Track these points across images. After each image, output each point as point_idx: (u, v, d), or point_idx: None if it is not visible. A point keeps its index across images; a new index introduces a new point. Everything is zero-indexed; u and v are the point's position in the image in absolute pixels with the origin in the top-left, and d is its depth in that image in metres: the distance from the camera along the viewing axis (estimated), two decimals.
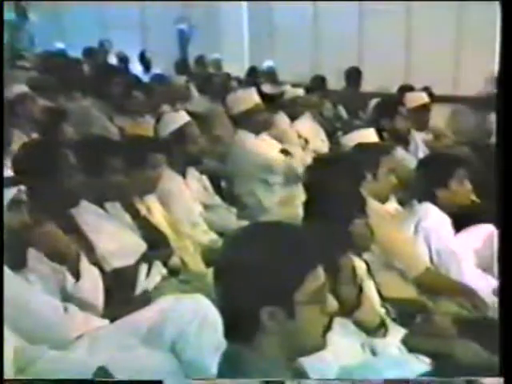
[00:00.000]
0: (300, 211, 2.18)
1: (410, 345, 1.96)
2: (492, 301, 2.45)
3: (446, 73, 6.56)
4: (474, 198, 3.00)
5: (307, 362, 1.27)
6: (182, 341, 1.79)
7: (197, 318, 1.82)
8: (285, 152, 3.89)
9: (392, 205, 2.93)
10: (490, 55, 5.90)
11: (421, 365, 1.86)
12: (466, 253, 2.66)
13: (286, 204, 3.50)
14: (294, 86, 5.32)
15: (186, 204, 3.06)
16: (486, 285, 2.58)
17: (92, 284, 2.00)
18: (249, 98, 3.84)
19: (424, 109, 4.31)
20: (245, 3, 8.65)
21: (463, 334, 2.08)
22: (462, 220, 2.79)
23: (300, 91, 5.04)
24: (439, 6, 6.42)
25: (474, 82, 6.22)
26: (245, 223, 2.95)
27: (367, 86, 6.45)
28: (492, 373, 1.71)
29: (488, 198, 3.39)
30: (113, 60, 8.52)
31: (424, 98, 4.38)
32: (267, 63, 7.32)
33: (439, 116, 5.15)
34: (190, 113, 3.47)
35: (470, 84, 6.26)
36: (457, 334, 2.10)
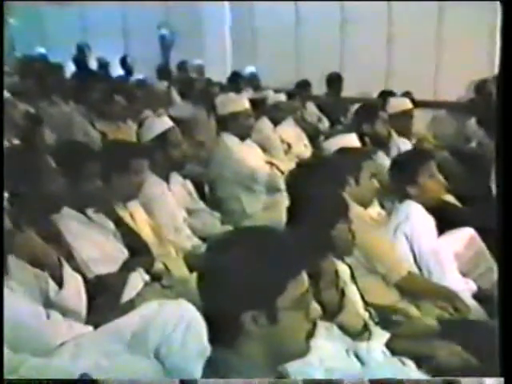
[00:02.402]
0: (283, 216, 2.18)
1: (393, 348, 1.97)
2: (472, 304, 2.48)
3: (426, 78, 6.61)
4: (446, 192, 3.00)
5: (292, 367, 1.27)
6: (165, 346, 1.79)
7: (181, 323, 1.81)
8: (269, 163, 3.91)
9: (374, 209, 2.95)
10: (470, 61, 6.01)
11: (405, 367, 1.87)
12: (447, 256, 2.69)
13: (270, 209, 3.51)
14: (277, 91, 5.34)
15: (169, 209, 3.05)
16: (466, 288, 2.61)
17: (75, 291, 1.98)
18: (239, 102, 3.87)
19: (407, 114, 4.35)
20: (227, 8, 8.66)
21: (445, 336, 2.10)
22: (442, 223, 2.82)
23: (282, 96, 5.07)
24: (420, 12, 6.47)
25: (453, 88, 6.30)
26: (228, 228, 2.95)
27: (348, 91, 6.48)
28: (473, 374, 1.73)
29: (467, 201, 3.45)
30: (94, 65, 8.48)
31: (407, 103, 4.42)
32: (249, 69, 7.33)
33: (420, 121, 5.19)
34: (172, 118, 3.47)
35: (450, 90, 6.33)
36: (439, 336, 2.12)
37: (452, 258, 2.71)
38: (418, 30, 6.59)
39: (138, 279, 2.31)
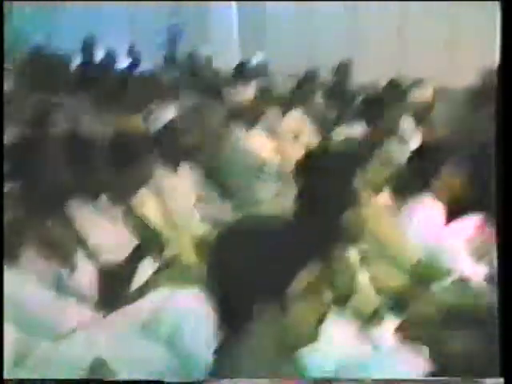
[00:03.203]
0: (293, 204, 2.18)
1: (404, 333, 1.97)
2: (484, 290, 2.47)
3: (438, 67, 6.56)
4: (466, 186, 3.01)
5: (303, 353, 1.27)
6: (177, 333, 1.80)
7: (192, 310, 1.82)
8: (278, 151, 3.90)
9: (385, 196, 2.93)
10: (483, 50, 5.94)
11: (416, 354, 1.87)
12: (458, 243, 2.68)
13: (279, 197, 3.51)
14: (285, 79, 5.33)
15: (179, 197, 3.06)
16: (478, 274, 2.60)
17: (87, 276, 2.00)
18: (246, 91, 3.87)
19: (427, 104, 4.34)
20: None
21: (456, 323, 2.10)
22: (454, 210, 2.81)
23: (291, 85, 5.05)
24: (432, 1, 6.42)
25: (466, 76, 6.25)
26: (238, 216, 2.95)
27: (358, 79, 6.45)
28: (486, 361, 1.73)
29: (479, 187, 3.42)
30: (101, 56, 8.48)
31: (428, 93, 4.39)
32: (258, 57, 7.30)
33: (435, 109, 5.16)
34: (180, 107, 3.47)
35: (463, 78, 6.28)
36: (450, 323, 2.12)
37: (463, 244, 2.70)
38: (430, 18, 6.54)
39: (148, 266, 2.32)
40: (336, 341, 1.66)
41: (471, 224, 2.83)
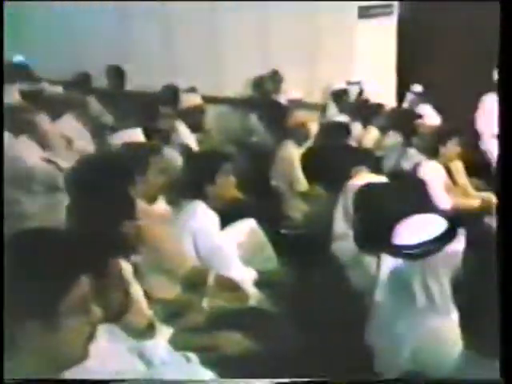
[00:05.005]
0: (64, 216, 2.07)
1: (176, 343, 1.98)
2: (254, 291, 2.61)
3: (209, 74, 6.77)
4: (238, 192, 3.18)
5: (71, 374, 1.20)
6: None
7: None
8: (46, 160, 3.69)
9: (161, 205, 2.94)
10: (248, 58, 6.31)
11: (189, 363, 1.89)
12: (230, 247, 2.80)
13: (50, 210, 3.33)
14: (53, 83, 5.06)
15: None
16: (248, 277, 2.74)
17: None
18: (10, 95, 3.60)
19: (198, 110, 4.49)
20: None
21: (229, 325, 2.17)
22: (227, 215, 2.92)
23: (60, 89, 4.83)
24: (193, 9, 6.53)
25: (236, 85, 6.57)
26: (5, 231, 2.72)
27: (132, 84, 6.39)
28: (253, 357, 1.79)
29: (250, 192, 3.63)
30: None
31: (197, 99, 4.55)
32: (17, 58, 6.69)
33: (206, 116, 5.34)
34: None
35: (233, 86, 6.60)
36: (223, 326, 2.18)
37: (234, 250, 2.82)
38: (193, 22, 6.68)
39: None
40: (107, 358, 1.60)
41: (242, 229, 2.98)
